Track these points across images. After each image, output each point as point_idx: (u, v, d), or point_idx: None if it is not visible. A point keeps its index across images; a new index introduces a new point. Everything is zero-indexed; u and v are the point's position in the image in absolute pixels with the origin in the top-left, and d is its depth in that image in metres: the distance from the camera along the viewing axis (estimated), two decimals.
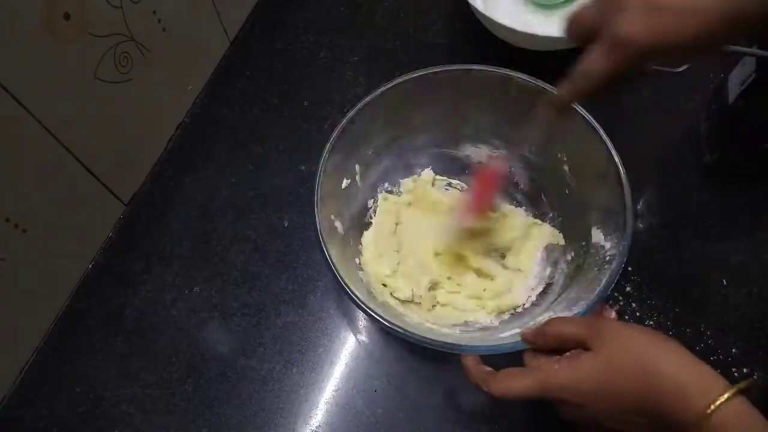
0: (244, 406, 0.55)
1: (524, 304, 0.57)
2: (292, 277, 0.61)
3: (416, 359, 0.57)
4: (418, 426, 0.54)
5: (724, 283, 0.59)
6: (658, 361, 0.38)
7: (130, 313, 0.60)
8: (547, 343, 0.43)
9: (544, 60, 0.63)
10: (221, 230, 0.64)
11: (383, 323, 0.47)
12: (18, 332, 0.56)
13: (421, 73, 0.57)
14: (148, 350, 0.58)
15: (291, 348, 0.58)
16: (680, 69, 0.61)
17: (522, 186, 0.63)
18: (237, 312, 0.60)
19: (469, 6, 0.72)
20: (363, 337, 0.58)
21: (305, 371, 0.57)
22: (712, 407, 0.35)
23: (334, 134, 0.54)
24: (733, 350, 0.56)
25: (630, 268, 0.59)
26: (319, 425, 0.54)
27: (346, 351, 0.58)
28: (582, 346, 0.41)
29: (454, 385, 0.56)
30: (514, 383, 0.42)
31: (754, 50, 0.58)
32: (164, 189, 0.67)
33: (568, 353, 0.42)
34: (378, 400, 0.55)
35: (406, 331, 0.46)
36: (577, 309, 0.48)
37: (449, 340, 0.48)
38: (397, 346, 0.58)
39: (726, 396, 0.35)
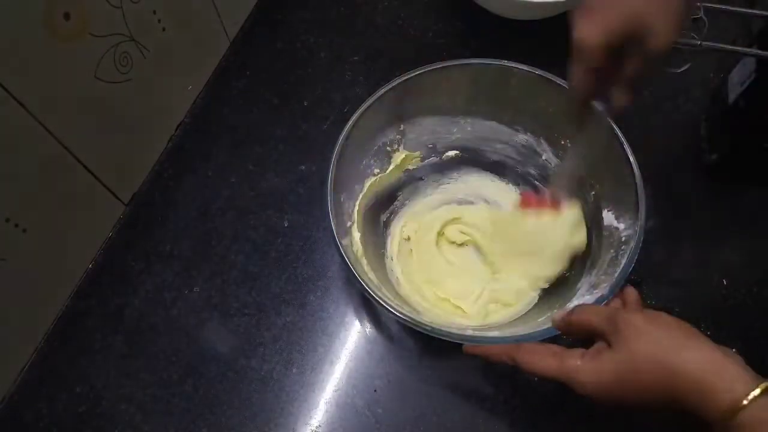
0: (244, 406, 0.55)
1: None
2: (292, 277, 0.61)
3: (416, 359, 0.57)
4: (418, 426, 0.54)
5: (724, 283, 0.59)
6: (679, 358, 0.37)
7: (130, 313, 0.60)
8: (573, 332, 0.44)
9: (543, 51, 0.63)
10: (221, 230, 0.64)
11: (404, 318, 0.48)
12: (18, 332, 0.56)
13: (426, 69, 0.58)
14: (148, 350, 0.58)
15: (291, 348, 0.58)
16: (681, 69, 0.62)
17: (527, 172, 0.64)
18: (237, 312, 0.60)
19: (468, 5, 0.72)
20: (363, 337, 0.58)
21: (305, 371, 0.57)
22: (741, 404, 0.34)
23: (342, 134, 0.55)
24: (733, 350, 0.56)
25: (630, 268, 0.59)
26: (319, 425, 0.54)
27: (346, 351, 0.58)
28: (604, 339, 0.41)
29: (454, 386, 0.56)
30: (538, 362, 0.43)
31: (754, 50, 0.58)
32: (164, 189, 0.67)
33: (591, 348, 0.42)
34: (378, 400, 0.55)
35: (432, 327, 0.48)
36: (599, 292, 0.49)
37: (467, 332, 0.49)
38: (397, 346, 0.58)
39: (755, 393, 0.34)
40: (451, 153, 0.65)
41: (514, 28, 0.75)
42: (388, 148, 0.62)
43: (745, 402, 0.34)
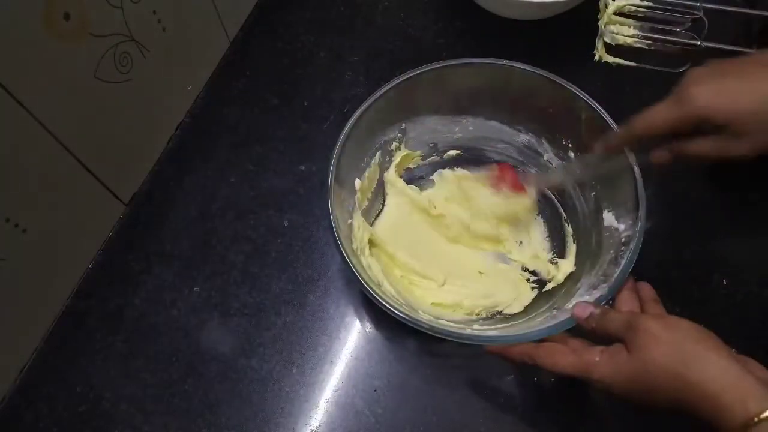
0: (244, 406, 0.55)
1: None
2: (292, 277, 0.61)
3: (416, 359, 0.57)
4: (418, 426, 0.54)
5: (725, 283, 0.59)
6: (693, 370, 0.38)
7: (130, 313, 0.60)
8: (591, 331, 0.45)
9: (543, 51, 0.63)
10: (221, 230, 0.64)
11: (409, 320, 0.48)
12: (18, 332, 0.56)
13: (428, 68, 0.58)
14: (148, 350, 0.58)
15: (291, 348, 0.58)
16: (681, 69, 0.62)
17: (528, 172, 0.65)
18: (237, 312, 0.60)
19: (468, 5, 0.72)
20: (363, 337, 0.58)
21: (305, 371, 0.57)
22: (753, 422, 0.34)
23: (343, 134, 0.55)
24: (733, 350, 0.56)
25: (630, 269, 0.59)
26: (319, 425, 0.54)
27: (346, 351, 0.58)
28: (622, 342, 0.42)
29: (454, 385, 0.56)
30: (559, 360, 0.45)
31: (754, 50, 0.58)
32: (164, 189, 0.67)
33: (610, 347, 0.43)
34: (378, 400, 0.55)
35: (432, 326, 0.48)
36: (598, 293, 0.49)
37: (466, 332, 0.49)
38: (397, 346, 0.58)
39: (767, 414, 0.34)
40: (453, 152, 0.65)
41: (514, 28, 0.75)
42: (389, 146, 0.62)
43: (756, 419, 0.34)
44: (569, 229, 0.61)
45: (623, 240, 0.51)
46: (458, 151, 0.65)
